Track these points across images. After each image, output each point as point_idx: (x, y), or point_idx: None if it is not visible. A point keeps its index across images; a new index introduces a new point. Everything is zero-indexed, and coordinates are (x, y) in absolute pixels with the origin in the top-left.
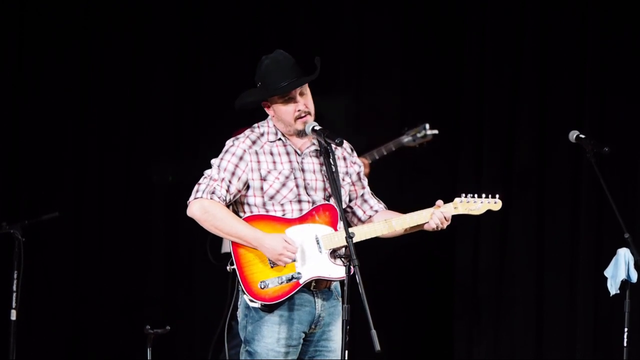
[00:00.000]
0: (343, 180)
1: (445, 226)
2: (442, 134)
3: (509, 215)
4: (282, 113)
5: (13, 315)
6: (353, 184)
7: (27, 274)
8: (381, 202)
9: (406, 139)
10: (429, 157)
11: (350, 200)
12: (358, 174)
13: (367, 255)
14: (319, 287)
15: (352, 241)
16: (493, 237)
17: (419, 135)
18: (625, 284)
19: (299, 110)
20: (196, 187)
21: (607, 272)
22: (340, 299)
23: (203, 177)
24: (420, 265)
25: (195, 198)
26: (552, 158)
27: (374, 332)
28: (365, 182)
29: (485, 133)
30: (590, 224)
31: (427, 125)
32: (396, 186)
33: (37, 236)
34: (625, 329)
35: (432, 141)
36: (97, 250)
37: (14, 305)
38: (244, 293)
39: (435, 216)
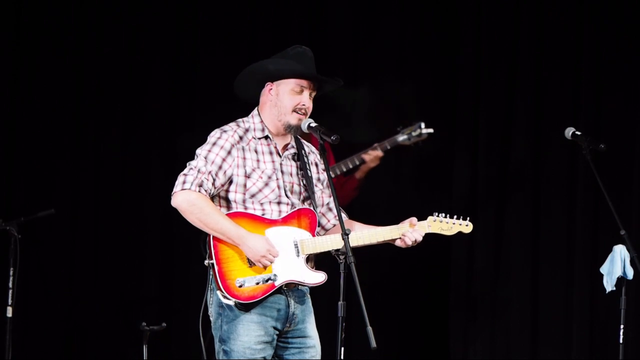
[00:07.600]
0: (316, 186)
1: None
2: (438, 132)
3: (505, 213)
4: (284, 99)
5: (9, 312)
6: (322, 191)
7: (23, 271)
8: (344, 211)
9: (401, 137)
10: (425, 155)
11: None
12: (327, 181)
13: (363, 255)
14: (289, 286)
15: (347, 238)
16: (488, 235)
17: (414, 133)
18: (621, 281)
19: (303, 105)
20: (182, 177)
21: (603, 269)
22: (309, 295)
23: (189, 167)
24: (415, 263)
25: (182, 189)
26: (548, 155)
27: (369, 329)
28: (332, 190)
29: (481, 131)
30: (586, 221)
31: (423, 124)
32: (392, 187)
33: (33, 233)
34: (621, 326)
35: (428, 140)
36: (93, 247)
37: (10, 302)
38: (219, 289)
39: (411, 234)
